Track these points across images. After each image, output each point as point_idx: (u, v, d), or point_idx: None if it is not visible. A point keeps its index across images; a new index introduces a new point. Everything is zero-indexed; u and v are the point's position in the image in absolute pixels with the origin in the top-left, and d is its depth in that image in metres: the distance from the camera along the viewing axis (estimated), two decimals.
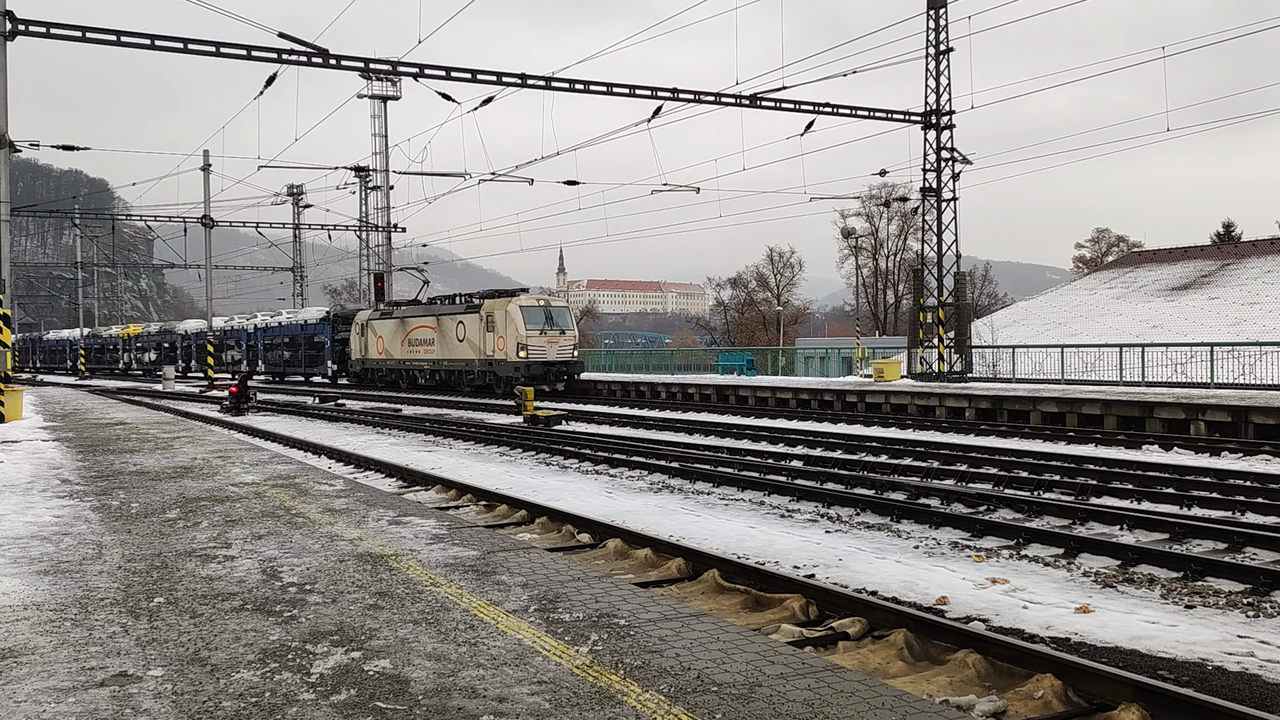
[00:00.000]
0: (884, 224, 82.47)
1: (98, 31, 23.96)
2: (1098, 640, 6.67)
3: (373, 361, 45.83)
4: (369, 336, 45.98)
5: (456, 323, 39.28)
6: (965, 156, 34.34)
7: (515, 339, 35.82)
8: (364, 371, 46.77)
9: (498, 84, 27.49)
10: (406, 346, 42.86)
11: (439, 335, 40.42)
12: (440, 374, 40.95)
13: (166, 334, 73.69)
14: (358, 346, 47.07)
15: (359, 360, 46.98)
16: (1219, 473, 13.86)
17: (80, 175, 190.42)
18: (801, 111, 31.36)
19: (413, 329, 42.51)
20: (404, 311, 43.80)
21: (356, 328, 47.27)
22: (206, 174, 44.70)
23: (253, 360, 59.59)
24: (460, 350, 38.98)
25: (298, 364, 54.75)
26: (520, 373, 35.10)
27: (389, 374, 44.72)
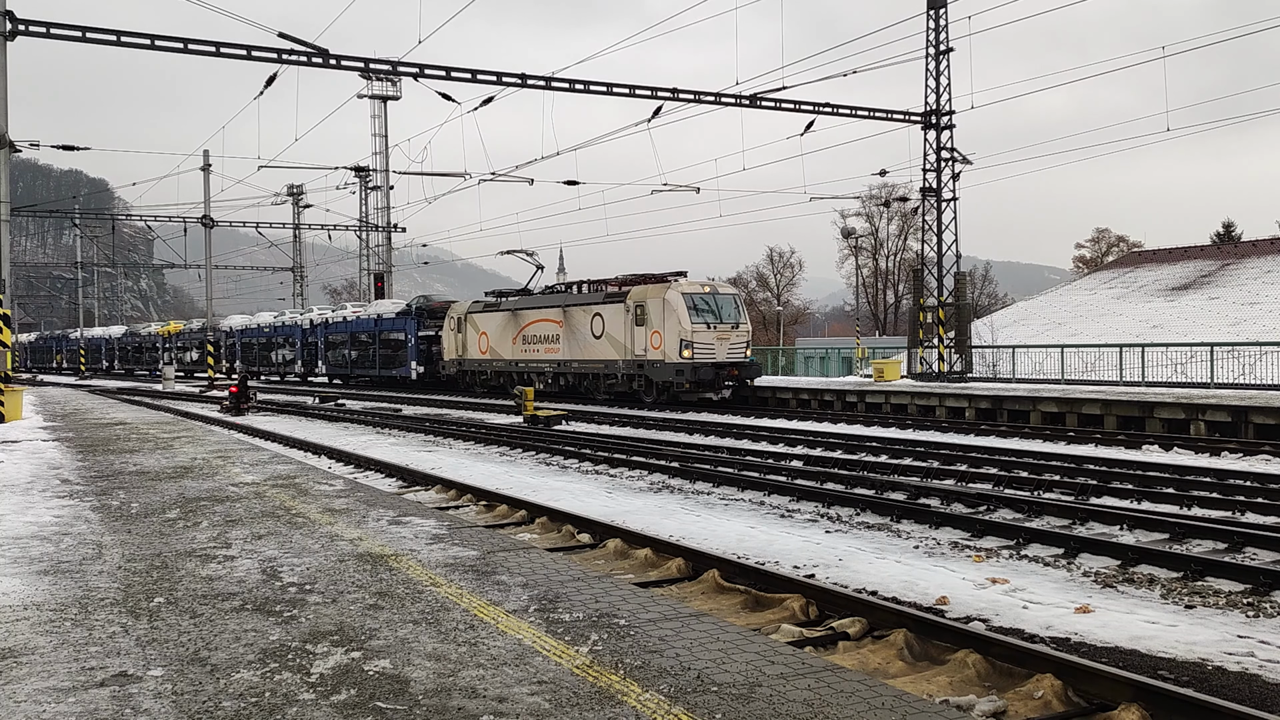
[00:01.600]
0: (884, 224, 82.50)
1: (98, 31, 23.96)
2: (1098, 640, 6.66)
3: (473, 363, 39.11)
4: (468, 333, 39.36)
5: (591, 315, 32.32)
6: (965, 156, 34.35)
7: (677, 335, 28.89)
8: (460, 374, 40.23)
9: (498, 84, 27.48)
10: (520, 345, 36.21)
11: (566, 331, 33.57)
12: (567, 378, 34.14)
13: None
14: (453, 345, 40.49)
15: (454, 361, 40.40)
16: (1219, 473, 13.86)
17: (80, 175, 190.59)
18: (801, 111, 31.35)
19: (529, 324, 35.81)
20: (516, 303, 37.02)
21: (451, 323, 40.63)
22: (206, 174, 44.72)
23: (309, 360, 53.16)
24: (596, 349, 32.07)
25: (368, 364, 47.61)
26: (683, 377, 28.63)
27: (495, 377, 37.94)
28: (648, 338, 29.86)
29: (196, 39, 24.53)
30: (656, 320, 29.57)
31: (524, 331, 36.11)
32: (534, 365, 35.58)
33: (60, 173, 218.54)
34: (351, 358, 49.11)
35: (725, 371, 29.35)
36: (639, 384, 30.66)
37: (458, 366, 40.30)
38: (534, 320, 35.68)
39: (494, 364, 37.92)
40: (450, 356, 40.84)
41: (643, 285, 31.25)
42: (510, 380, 36.70)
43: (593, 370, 32.65)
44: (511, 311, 36.90)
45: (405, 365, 43.83)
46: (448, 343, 41.08)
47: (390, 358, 45.62)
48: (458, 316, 40.38)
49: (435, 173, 45.66)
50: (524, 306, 36.45)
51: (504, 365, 37.28)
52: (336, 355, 50.72)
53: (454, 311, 40.98)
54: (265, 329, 58.78)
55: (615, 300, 31.60)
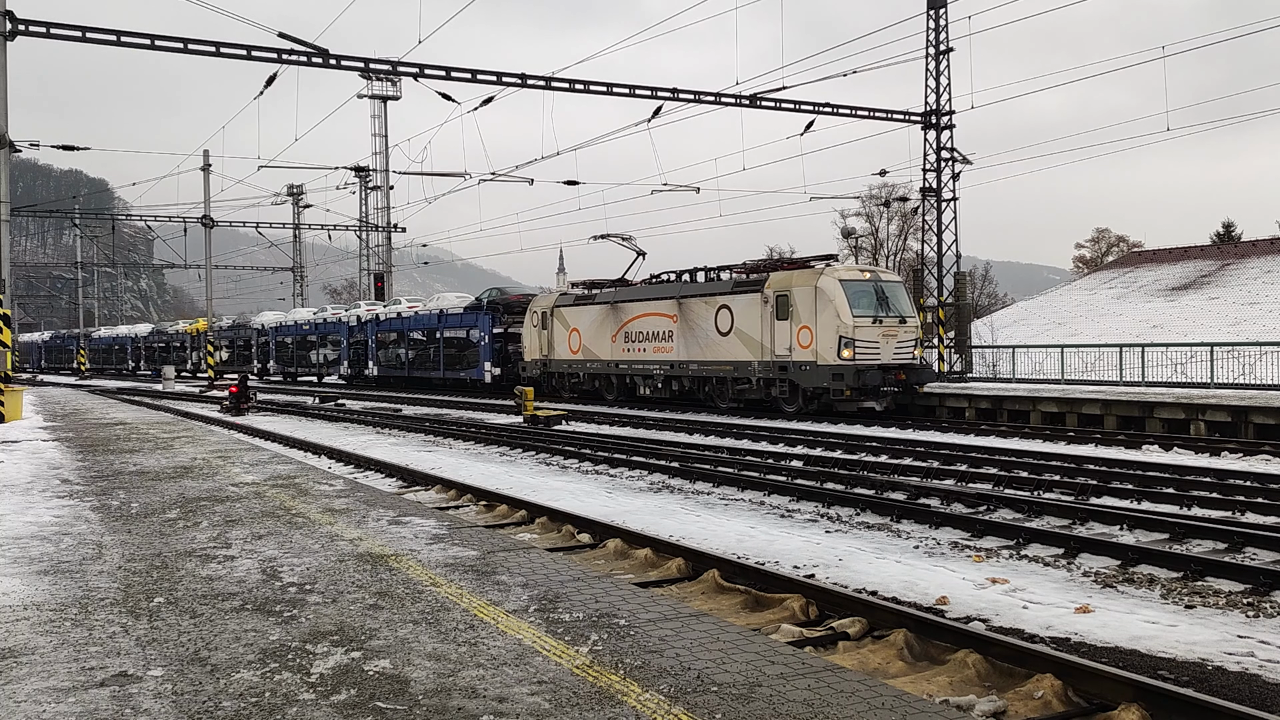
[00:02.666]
0: (884, 224, 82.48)
1: (98, 31, 23.96)
2: (1098, 640, 6.66)
3: (561, 364, 33.96)
4: (555, 330, 34.19)
5: (716, 309, 27.28)
6: (965, 156, 34.36)
7: (834, 331, 23.99)
8: (545, 376, 34.81)
9: (498, 84, 27.49)
10: (622, 343, 31.10)
11: (682, 327, 28.58)
12: (683, 382, 29.05)
13: (241, 329, 63.46)
14: (536, 343, 35.23)
15: (538, 361, 35.10)
16: (1219, 473, 13.85)
17: (80, 175, 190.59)
18: (801, 111, 31.36)
19: (632, 319, 30.65)
20: (615, 294, 31.98)
21: (534, 318, 35.34)
22: (206, 174, 44.73)
23: (357, 361, 48.37)
24: (723, 348, 27.06)
25: (430, 365, 42.52)
26: (841, 382, 23.75)
27: (589, 380, 33.06)
28: (793, 335, 24.81)
29: (196, 39, 24.53)
30: (805, 313, 24.57)
31: (626, 328, 30.91)
32: (639, 367, 30.45)
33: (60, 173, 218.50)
34: (408, 358, 43.97)
35: (892, 376, 24.39)
36: (780, 390, 25.68)
37: (542, 368, 34.84)
38: (640, 315, 30.39)
39: (588, 366, 32.72)
40: (533, 357, 35.39)
41: (785, 272, 26.23)
42: (608, 385, 32.22)
43: (717, 374, 27.43)
44: (610, 305, 31.61)
45: (477, 367, 38.60)
46: (530, 341, 35.60)
47: (457, 358, 40.53)
48: (542, 311, 34.91)
49: (435, 173, 45.67)
50: (626, 299, 31.14)
51: (600, 367, 32.16)
52: (389, 355, 45.74)
53: (537, 305, 35.48)
54: (304, 326, 53.91)
55: (748, 289, 26.50)
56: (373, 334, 46.81)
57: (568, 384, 34.14)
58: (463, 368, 40.00)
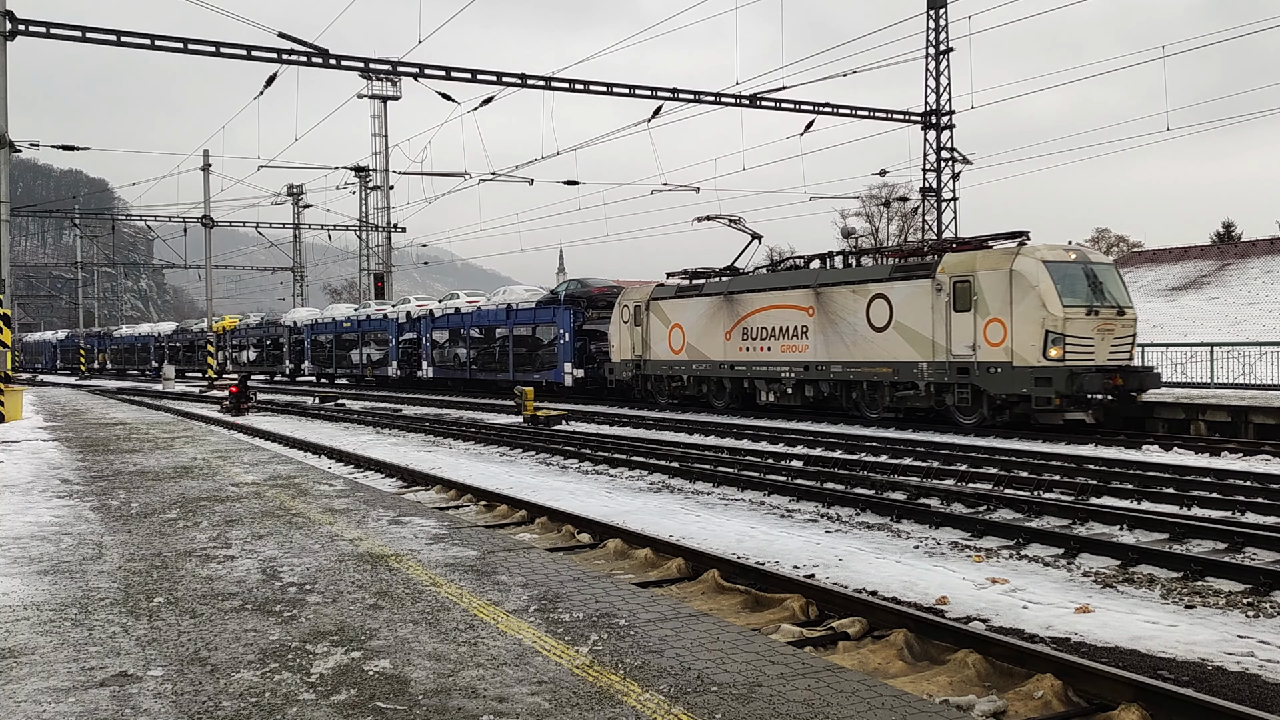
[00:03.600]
0: (884, 224, 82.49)
1: (98, 31, 23.98)
2: (1098, 640, 6.67)
3: (659, 365, 29.55)
4: (651, 326, 29.85)
5: (868, 298, 22.75)
6: (965, 156, 34.38)
7: (1039, 325, 19.39)
8: (639, 379, 30.60)
9: (498, 84, 27.51)
10: (739, 341, 26.61)
11: (820, 321, 24.04)
12: (820, 387, 24.32)
13: (270, 327, 59.50)
14: (628, 342, 30.79)
15: (629, 363, 30.71)
16: (1219, 473, 13.86)
17: (80, 175, 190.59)
18: (801, 111, 31.39)
19: (753, 312, 26.15)
20: (730, 284, 27.40)
21: (624, 313, 30.93)
22: (206, 174, 44.75)
23: (408, 360, 44.42)
24: (878, 346, 22.52)
25: (496, 366, 38.35)
26: (1048, 388, 19.16)
27: (695, 384, 28.55)
28: (978, 329, 20.39)
29: (196, 39, 24.55)
30: (995, 303, 20.09)
31: (745, 323, 26.38)
32: (761, 370, 25.85)
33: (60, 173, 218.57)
34: (469, 358, 39.98)
35: (1108, 380, 19.39)
36: (957, 397, 21.02)
37: (635, 370, 30.54)
38: (763, 307, 25.91)
39: (694, 367, 28.25)
40: (624, 357, 30.93)
41: (964, 253, 21.51)
42: (718, 390, 27.86)
43: (869, 377, 22.86)
44: (723, 296, 27.17)
45: (554, 368, 34.57)
46: (619, 339, 31.19)
47: (529, 358, 36.53)
48: (635, 304, 30.60)
49: (435, 173, 45.75)
50: (745, 289, 26.66)
51: (709, 369, 27.64)
52: (446, 355, 41.83)
53: (629, 298, 31.12)
54: (344, 323, 50.06)
55: (914, 275, 21.98)
56: (427, 331, 42.65)
57: (666, 388, 29.71)
58: (536, 369, 35.80)
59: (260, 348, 60.25)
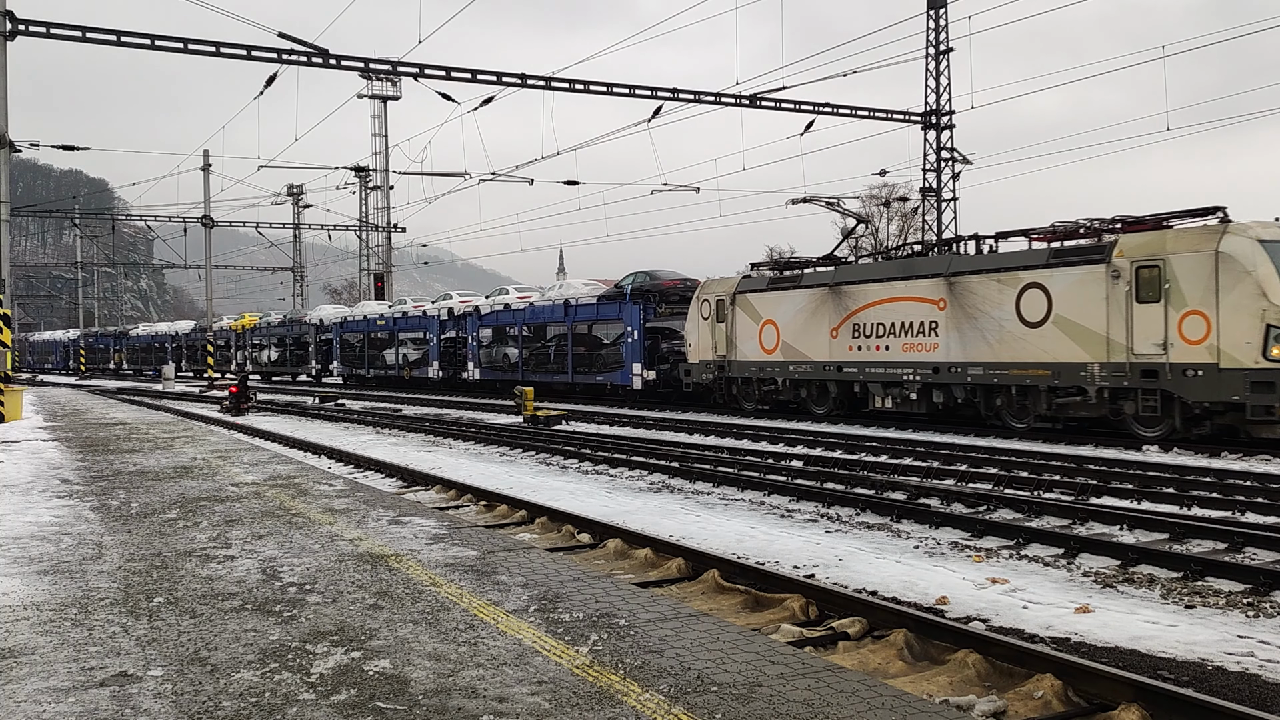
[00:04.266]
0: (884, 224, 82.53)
1: (98, 31, 23.98)
2: (1098, 640, 6.66)
3: (750, 366, 26.32)
4: (738, 322, 26.67)
5: (1019, 289, 19.72)
6: (965, 156, 34.39)
7: (1258, 317, 16.52)
8: (722, 382, 27.45)
9: (498, 84, 27.52)
10: (847, 339, 23.50)
11: (955, 316, 21.02)
12: (955, 391, 21.19)
13: (293, 325, 56.18)
14: (708, 340, 27.71)
15: (708, 364, 27.62)
16: (1219, 473, 13.86)
17: (80, 175, 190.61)
18: (801, 111, 31.40)
19: (865, 306, 23.04)
20: (835, 274, 24.33)
21: (703, 308, 27.89)
22: (206, 174, 44.76)
23: (450, 361, 41.68)
24: (1032, 345, 19.48)
25: (553, 367, 35.65)
26: (1270, 395, 16.38)
27: (792, 388, 25.39)
28: (1170, 324, 17.46)
29: (196, 39, 24.56)
30: (1193, 291, 17.13)
31: (856, 318, 23.28)
32: (876, 372, 22.73)
33: (60, 173, 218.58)
34: (521, 358, 37.07)
35: None
36: (1142, 406, 17.93)
37: (718, 371, 27.40)
38: (879, 300, 22.76)
39: (791, 369, 25.04)
40: (703, 357, 27.88)
41: (1148, 233, 18.46)
42: (820, 394, 24.59)
43: (1019, 380, 19.70)
44: (828, 288, 24.00)
45: (621, 369, 31.62)
46: (697, 337, 28.18)
47: (590, 358, 33.81)
48: (717, 298, 27.51)
49: (435, 173, 45.77)
50: (856, 279, 23.54)
51: (811, 371, 24.46)
52: (494, 355, 38.85)
53: (709, 292, 28.05)
54: (377, 321, 47.24)
55: (1081, 259, 19.03)
56: (473, 330, 39.50)
57: (756, 391, 26.53)
58: (599, 370, 33.06)
59: (282, 347, 57.25)
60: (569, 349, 34.63)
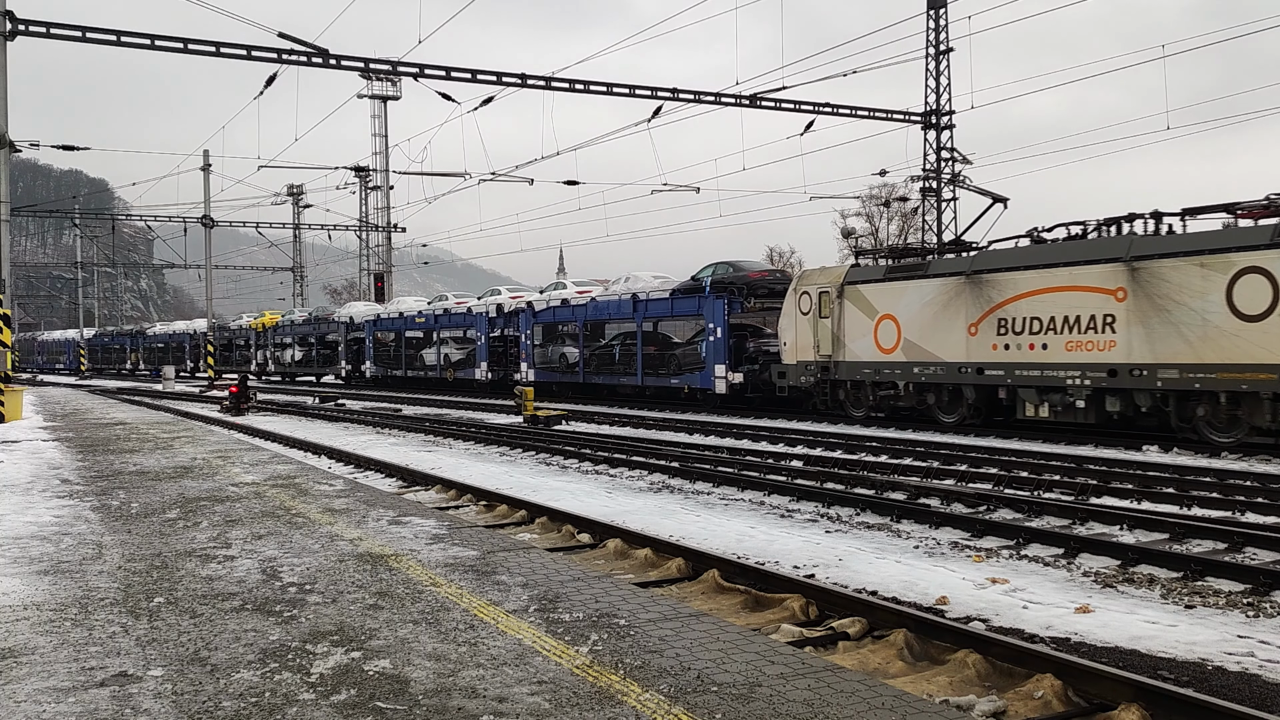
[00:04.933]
0: (884, 224, 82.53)
1: (98, 31, 23.98)
2: (1098, 640, 6.67)
3: (862, 367, 23.16)
4: (847, 317, 23.55)
5: (1230, 274, 16.77)
6: (965, 156, 34.39)
7: None
8: (825, 386, 24.29)
9: (498, 84, 27.52)
10: (991, 335, 20.30)
11: (1138, 308, 18.01)
12: (1138, 397, 18.14)
13: (319, 323, 52.45)
14: (809, 337, 24.41)
15: (813, 364, 24.33)
16: (1219, 473, 13.87)
17: (80, 175, 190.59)
18: (801, 111, 31.40)
19: (1016, 297, 19.88)
20: (975, 260, 21.16)
21: (804, 301, 24.66)
22: (206, 174, 44.76)
23: (499, 362, 38.98)
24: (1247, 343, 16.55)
25: (620, 369, 32.61)
26: None
27: (916, 393, 22.18)
28: None
29: (196, 39, 24.56)
30: None
31: (1002, 312, 20.15)
32: (1033, 375, 19.54)
33: (60, 173, 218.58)
34: (583, 359, 34.12)
35: None
36: None
37: (821, 373, 24.25)
38: (1033, 290, 19.62)
39: (916, 370, 21.91)
40: (802, 357, 24.68)
41: None
42: (953, 400, 21.42)
43: (1231, 386, 16.73)
44: (964, 277, 20.87)
45: (702, 371, 28.58)
46: (795, 334, 24.95)
47: (662, 359, 30.83)
48: (821, 290, 24.25)
49: (435, 173, 45.79)
50: (1001, 266, 20.37)
51: (942, 373, 21.32)
52: (551, 355, 36.09)
53: (810, 283, 24.77)
54: (415, 318, 44.37)
55: None
56: (526, 328, 36.59)
57: (869, 396, 23.28)
58: (674, 372, 30.12)
59: (308, 346, 53.94)
60: (638, 348, 31.31)
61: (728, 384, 27.45)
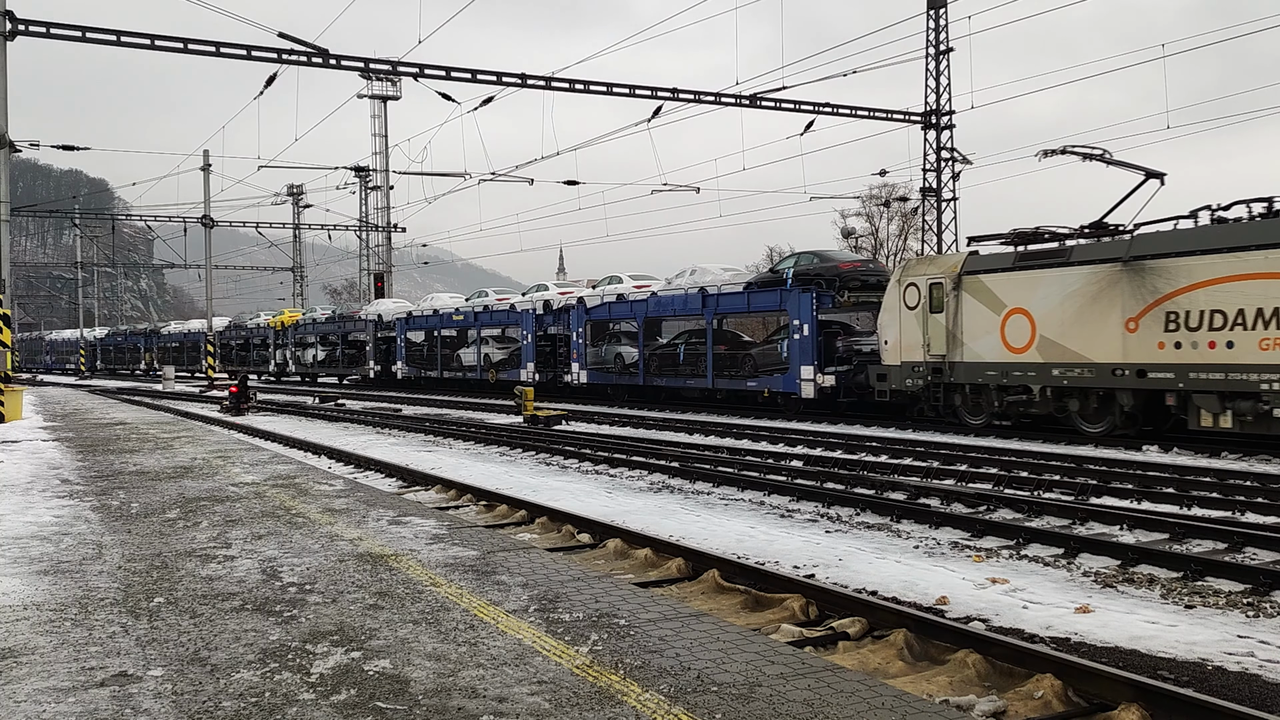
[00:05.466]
0: (884, 224, 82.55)
1: (98, 31, 23.99)
2: (1098, 640, 6.67)
3: (986, 368, 20.29)
4: (967, 311, 20.64)
5: None
6: (965, 156, 34.40)
7: None
8: (939, 389, 21.34)
9: (498, 84, 27.52)
10: (1160, 332, 17.49)
11: None
12: None
13: (346, 321, 49.90)
14: (918, 335, 21.58)
15: (922, 365, 21.49)
16: (1219, 473, 13.87)
17: (80, 175, 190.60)
18: (801, 111, 31.40)
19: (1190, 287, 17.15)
20: (1134, 244, 18.24)
21: (911, 294, 21.85)
22: (206, 174, 44.77)
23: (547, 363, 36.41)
24: None
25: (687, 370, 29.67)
26: None
27: (1053, 399, 19.44)
28: None
29: (196, 39, 24.56)
30: None
31: (1171, 303, 17.33)
32: (1215, 378, 16.73)
33: (60, 173, 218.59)
34: (642, 358, 31.11)
35: None
36: None
37: (932, 375, 21.41)
38: (1216, 279, 16.74)
39: (1057, 372, 19.18)
40: (909, 358, 21.89)
41: None
42: (1104, 406, 18.70)
43: None
44: (1121, 264, 18.07)
45: (786, 373, 25.39)
46: (899, 332, 22.16)
47: (736, 359, 27.97)
48: (931, 281, 21.43)
49: (435, 173, 45.76)
50: (1171, 250, 17.47)
51: (1090, 375, 18.58)
52: (606, 356, 33.28)
53: (916, 273, 22.03)
54: (453, 316, 41.73)
55: None
56: (578, 325, 33.72)
57: (995, 401, 20.27)
58: (749, 374, 27.23)
59: (331, 345, 51.43)
60: (708, 348, 28.39)
61: (816, 387, 24.53)
